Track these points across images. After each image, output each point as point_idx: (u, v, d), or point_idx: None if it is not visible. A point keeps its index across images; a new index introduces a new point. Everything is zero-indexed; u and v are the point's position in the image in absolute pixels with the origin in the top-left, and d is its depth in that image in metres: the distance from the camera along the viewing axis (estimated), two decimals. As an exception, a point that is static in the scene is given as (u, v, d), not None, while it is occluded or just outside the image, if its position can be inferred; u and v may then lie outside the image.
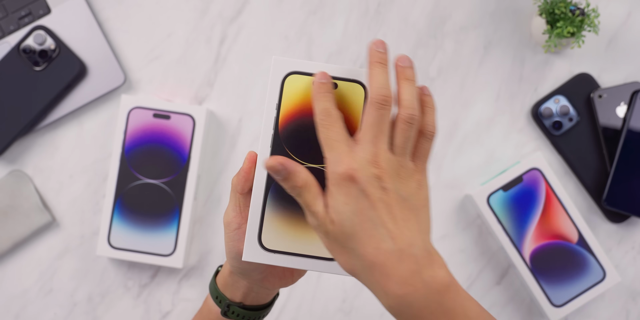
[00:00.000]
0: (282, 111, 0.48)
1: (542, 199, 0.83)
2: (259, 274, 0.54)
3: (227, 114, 0.86)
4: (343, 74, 0.48)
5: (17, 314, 0.85)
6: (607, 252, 0.86)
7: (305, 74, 0.48)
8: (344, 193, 0.44)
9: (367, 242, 0.43)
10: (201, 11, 0.87)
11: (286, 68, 0.48)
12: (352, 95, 0.48)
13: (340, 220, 0.44)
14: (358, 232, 0.43)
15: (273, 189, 0.49)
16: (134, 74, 0.86)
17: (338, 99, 0.48)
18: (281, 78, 0.48)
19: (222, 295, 0.57)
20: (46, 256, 0.85)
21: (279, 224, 0.49)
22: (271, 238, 0.48)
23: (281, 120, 0.48)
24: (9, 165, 0.86)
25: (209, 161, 0.85)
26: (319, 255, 0.49)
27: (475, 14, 0.87)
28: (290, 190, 0.45)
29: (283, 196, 0.48)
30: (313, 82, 0.47)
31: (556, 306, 0.82)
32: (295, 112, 0.48)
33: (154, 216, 0.82)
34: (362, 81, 0.48)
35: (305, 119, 0.48)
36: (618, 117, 0.85)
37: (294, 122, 0.48)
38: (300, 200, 0.45)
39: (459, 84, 0.87)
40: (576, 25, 0.80)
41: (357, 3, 0.87)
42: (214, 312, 0.58)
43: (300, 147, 0.48)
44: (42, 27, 0.84)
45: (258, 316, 0.58)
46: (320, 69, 0.48)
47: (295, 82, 0.49)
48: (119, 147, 0.83)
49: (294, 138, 0.48)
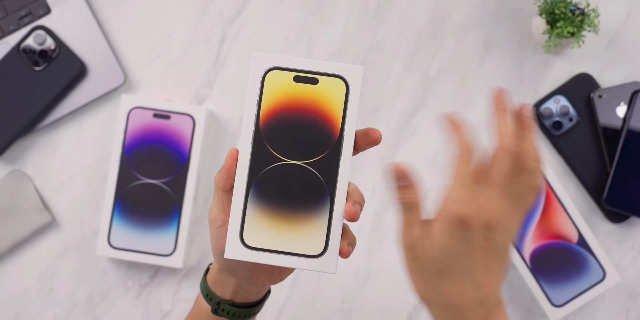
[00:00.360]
0: (263, 107, 0.48)
1: (542, 199, 0.83)
2: (246, 271, 0.54)
3: (227, 114, 0.86)
4: (324, 68, 0.48)
5: (17, 314, 0.85)
6: (607, 252, 0.86)
7: (285, 70, 0.48)
8: (452, 234, 0.45)
9: (454, 285, 0.46)
10: (201, 11, 0.87)
11: (266, 64, 0.48)
12: (333, 91, 0.48)
13: (437, 257, 0.45)
14: (450, 274, 0.46)
15: (255, 186, 0.48)
16: (134, 74, 0.86)
17: (319, 95, 0.48)
18: (262, 74, 0.48)
19: (212, 293, 0.57)
20: (46, 256, 0.85)
21: (261, 221, 0.48)
22: (253, 235, 0.48)
23: (262, 117, 0.48)
24: (9, 165, 0.86)
25: (209, 161, 0.85)
26: (302, 252, 0.48)
27: (475, 14, 0.87)
28: (400, 201, 0.46)
29: (265, 193, 0.48)
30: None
31: (556, 306, 0.82)
32: (276, 109, 0.48)
33: (154, 216, 0.82)
34: (343, 75, 0.48)
35: (286, 115, 0.48)
36: (618, 117, 0.85)
37: (275, 118, 0.48)
38: (404, 216, 0.47)
39: (459, 84, 0.87)
40: (576, 25, 0.80)
41: (357, 3, 0.87)
42: (205, 310, 0.58)
43: (281, 144, 0.48)
44: (42, 27, 0.84)
45: (249, 314, 0.58)
46: (300, 63, 0.48)
47: (276, 77, 0.48)
48: (119, 147, 0.83)
49: (275, 134, 0.48)
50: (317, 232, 0.48)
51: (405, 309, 0.85)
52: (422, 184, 0.47)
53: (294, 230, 0.48)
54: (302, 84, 0.48)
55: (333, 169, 0.48)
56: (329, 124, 0.48)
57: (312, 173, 0.48)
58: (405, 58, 0.87)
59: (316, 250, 0.48)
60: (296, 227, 0.48)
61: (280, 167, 0.48)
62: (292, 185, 0.48)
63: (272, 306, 0.85)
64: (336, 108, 0.48)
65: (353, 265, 0.85)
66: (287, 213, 0.48)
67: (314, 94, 0.48)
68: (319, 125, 0.48)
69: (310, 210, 0.48)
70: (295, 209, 0.48)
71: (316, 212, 0.48)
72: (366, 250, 0.85)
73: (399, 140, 0.86)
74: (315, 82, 0.48)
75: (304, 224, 0.48)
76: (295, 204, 0.48)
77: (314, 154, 0.48)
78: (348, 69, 0.48)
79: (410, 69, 0.87)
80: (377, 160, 0.86)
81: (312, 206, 0.48)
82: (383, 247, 0.85)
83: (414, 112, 0.86)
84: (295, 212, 0.48)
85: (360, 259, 0.85)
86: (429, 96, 0.86)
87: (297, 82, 0.48)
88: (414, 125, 0.86)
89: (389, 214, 0.85)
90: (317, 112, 0.49)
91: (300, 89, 0.48)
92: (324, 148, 0.48)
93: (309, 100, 0.48)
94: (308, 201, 0.48)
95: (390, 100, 0.86)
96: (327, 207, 0.48)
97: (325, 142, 0.48)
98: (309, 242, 0.48)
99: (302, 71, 0.48)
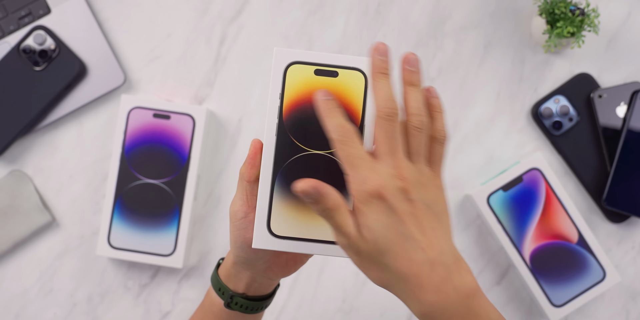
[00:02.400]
0: (286, 100, 0.50)
1: (542, 199, 0.83)
2: (264, 263, 0.54)
3: (227, 114, 0.86)
4: (343, 62, 0.50)
5: (17, 314, 0.85)
6: (607, 252, 0.86)
7: (306, 64, 0.50)
8: (374, 211, 0.44)
9: (401, 255, 0.44)
10: (201, 11, 0.87)
11: (288, 58, 0.50)
12: (353, 83, 0.50)
13: (374, 238, 0.44)
14: (391, 247, 0.44)
15: (280, 176, 0.49)
16: (134, 74, 0.86)
17: (340, 88, 0.50)
18: (283, 68, 0.50)
19: (225, 287, 0.57)
20: (46, 256, 0.85)
21: (287, 210, 0.49)
22: (280, 224, 0.49)
23: (285, 109, 0.50)
24: (9, 165, 0.86)
25: (209, 161, 0.85)
26: (328, 239, 0.49)
27: (475, 14, 0.87)
28: (320, 212, 0.45)
29: (290, 183, 0.49)
30: (316, 100, 0.47)
31: (556, 306, 0.82)
32: (298, 101, 0.50)
33: (154, 216, 0.82)
34: (361, 69, 0.50)
35: (308, 107, 0.50)
36: (618, 117, 0.85)
37: (297, 110, 0.50)
38: (331, 222, 0.45)
39: (459, 84, 0.87)
40: (576, 25, 0.80)
41: (357, 3, 0.87)
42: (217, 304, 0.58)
43: (304, 135, 0.49)
44: (42, 27, 0.84)
45: (261, 306, 0.59)
46: (320, 57, 0.49)
47: (297, 71, 0.50)
48: (119, 147, 0.83)
49: (298, 126, 0.49)
50: None
51: (405, 309, 0.85)
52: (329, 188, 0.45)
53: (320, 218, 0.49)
54: (323, 77, 0.50)
55: None
56: (350, 114, 0.50)
57: (335, 162, 0.50)
58: (405, 58, 0.87)
59: None
60: None
61: (304, 157, 0.50)
62: (317, 174, 0.49)
63: (272, 306, 0.85)
64: (356, 99, 0.50)
65: (353, 265, 0.85)
66: None
67: (334, 86, 0.50)
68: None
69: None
70: None
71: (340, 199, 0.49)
72: (366, 250, 0.85)
73: (399, 140, 0.86)
74: (336, 75, 0.50)
75: None
76: None
77: None
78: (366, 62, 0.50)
79: (410, 69, 0.87)
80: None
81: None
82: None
83: (414, 112, 0.86)
84: None
85: (360, 259, 0.85)
86: (429, 96, 0.86)
87: (318, 75, 0.50)
88: (414, 125, 0.86)
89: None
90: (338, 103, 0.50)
91: (321, 82, 0.50)
92: None
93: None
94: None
95: (390, 100, 0.86)
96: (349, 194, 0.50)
97: None
98: None
99: (323, 65, 0.50)
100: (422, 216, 0.45)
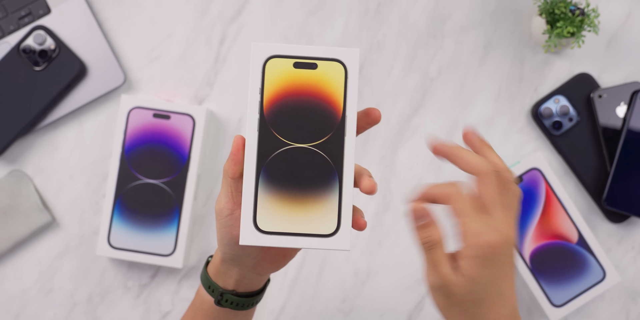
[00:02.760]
0: (266, 95, 0.49)
1: (542, 199, 0.83)
2: (252, 259, 0.54)
3: (227, 114, 0.86)
4: (321, 53, 0.50)
5: (17, 314, 0.85)
6: (607, 252, 0.86)
7: (284, 57, 0.50)
8: (485, 265, 0.47)
9: (492, 308, 0.48)
10: (201, 11, 0.87)
11: (266, 52, 0.50)
12: (332, 75, 0.50)
13: (473, 289, 0.47)
14: (487, 300, 0.48)
15: (264, 172, 0.49)
16: (134, 74, 0.86)
17: (319, 80, 0.50)
18: (262, 62, 0.50)
19: (214, 285, 0.57)
20: (46, 256, 0.85)
21: (272, 205, 0.49)
22: (266, 220, 0.49)
23: (265, 104, 0.49)
24: (9, 165, 0.86)
25: (209, 161, 0.85)
26: (316, 232, 0.49)
27: (475, 14, 0.87)
28: (422, 240, 0.49)
29: (274, 177, 0.49)
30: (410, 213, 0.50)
31: (556, 306, 0.82)
32: (279, 95, 0.49)
33: (154, 216, 0.82)
34: (340, 59, 0.50)
35: (289, 101, 0.49)
36: (618, 117, 0.85)
37: (278, 104, 0.49)
38: (429, 256, 0.48)
39: (458, 84, 0.87)
40: (576, 25, 0.80)
41: (357, 3, 0.87)
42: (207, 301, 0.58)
43: (286, 128, 0.49)
44: (42, 27, 0.84)
45: (251, 302, 0.59)
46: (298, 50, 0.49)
47: (276, 65, 0.50)
48: (119, 147, 0.83)
49: (280, 120, 0.49)
50: (328, 212, 0.49)
51: (405, 309, 0.85)
52: (441, 222, 0.49)
53: (306, 211, 0.49)
54: (302, 70, 0.50)
55: (339, 149, 0.50)
56: (331, 106, 0.50)
57: (319, 154, 0.50)
58: (405, 58, 0.87)
59: (329, 229, 0.49)
60: (308, 209, 0.49)
61: (287, 151, 0.49)
62: (301, 168, 0.49)
63: (272, 306, 0.85)
64: (337, 90, 0.50)
65: (353, 265, 0.85)
66: (297, 195, 0.49)
67: (314, 79, 0.50)
68: (322, 108, 0.50)
69: (320, 190, 0.49)
70: (306, 191, 0.49)
71: (326, 192, 0.49)
72: (366, 250, 0.85)
73: (399, 140, 0.86)
74: (315, 67, 0.50)
75: (315, 205, 0.49)
76: (305, 186, 0.49)
77: (318, 136, 0.50)
78: (345, 52, 0.50)
79: (410, 69, 0.87)
80: (377, 160, 0.86)
81: (321, 186, 0.49)
82: (383, 247, 0.85)
83: (414, 112, 0.86)
84: (306, 194, 0.49)
85: (360, 259, 0.85)
86: (429, 96, 0.86)
87: (297, 68, 0.50)
88: (414, 125, 0.86)
89: (389, 213, 0.85)
90: (318, 95, 0.50)
91: (300, 75, 0.50)
92: (328, 130, 0.50)
93: (309, 85, 0.50)
94: (317, 182, 0.49)
95: (390, 100, 0.86)
96: (336, 186, 0.50)
97: (329, 124, 0.50)
98: (322, 222, 0.49)
99: (301, 57, 0.50)
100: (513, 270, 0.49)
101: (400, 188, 0.86)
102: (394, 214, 0.85)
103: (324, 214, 0.49)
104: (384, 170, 0.86)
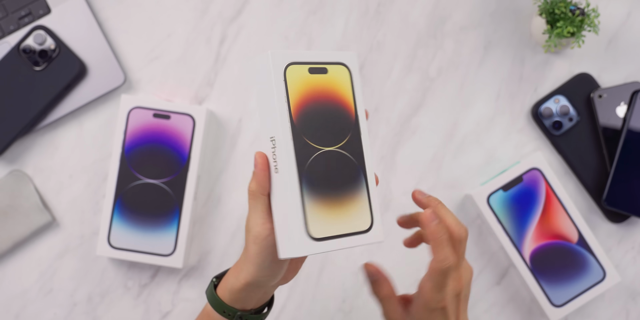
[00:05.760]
0: (292, 102, 0.50)
1: (542, 199, 0.83)
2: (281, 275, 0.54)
3: (227, 114, 0.86)
4: (329, 58, 0.52)
5: (17, 314, 0.85)
6: (607, 252, 0.86)
7: (300, 64, 0.51)
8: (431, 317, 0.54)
9: None
10: (201, 11, 0.87)
11: (285, 60, 0.50)
12: (341, 78, 0.52)
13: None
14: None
15: (305, 179, 0.49)
16: (134, 74, 0.86)
17: (331, 82, 0.51)
18: (283, 70, 0.50)
19: (230, 309, 0.56)
20: (46, 256, 0.85)
21: (319, 211, 0.50)
22: (317, 227, 0.49)
23: (293, 112, 0.50)
24: (9, 165, 0.86)
25: (209, 161, 0.85)
26: (357, 230, 0.51)
27: (475, 14, 0.87)
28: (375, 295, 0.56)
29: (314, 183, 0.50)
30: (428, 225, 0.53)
31: (556, 306, 0.82)
32: (302, 101, 0.50)
33: (154, 216, 0.82)
34: (344, 62, 0.52)
35: (311, 106, 0.50)
36: (618, 117, 0.85)
37: (303, 111, 0.50)
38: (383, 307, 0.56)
39: (459, 84, 0.87)
40: (576, 25, 0.80)
41: (357, 3, 0.87)
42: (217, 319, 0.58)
43: (314, 134, 0.50)
44: (42, 27, 0.84)
45: (266, 315, 0.59)
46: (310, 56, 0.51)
47: (294, 72, 0.50)
48: (119, 147, 0.83)
49: (307, 126, 0.50)
50: (363, 208, 0.51)
51: (405, 309, 0.85)
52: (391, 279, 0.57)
53: (345, 212, 0.50)
54: (316, 75, 0.51)
55: (359, 147, 0.52)
56: (345, 107, 0.51)
57: (344, 155, 0.51)
58: (405, 58, 0.87)
59: (366, 225, 0.51)
60: (345, 209, 0.51)
61: (319, 156, 0.50)
62: (333, 171, 0.50)
63: (272, 306, 0.85)
64: (346, 92, 0.52)
65: (353, 265, 0.85)
66: (335, 197, 0.50)
67: (327, 83, 0.51)
68: (339, 111, 0.51)
69: (352, 189, 0.51)
70: (342, 192, 0.51)
71: (357, 190, 0.51)
72: (366, 250, 0.85)
73: (399, 140, 0.86)
74: (326, 71, 0.51)
75: (350, 204, 0.51)
76: (340, 187, 0.51)
77: (341, 137, 0.51)
78: (346, 55, 0.53)
79: (410, 69, 0.87)
80: (377, 160, 0.86)
81: (352, 186, 0.51)
82: (383, 247, 0.85)
83: (414, 112, 0.86)
84: (342, 195, 0.51)
85: (360, 259, 0.85)
86: (429, 96, 0.86)
87: (312, 73, 0.51)
88: (414, 125, 0.86)
89: (389, 214, 0.85)
90: (333, 98, 0.51)
91: (316, 80, 0.51)
92: (347, 130, 0.51)
93: (325, 89, 0.51)
94: (349, 182, 0.51)
95: (390, 100, 0.86)
96: (363, 183, 0.51)
97: (347, 125, 0.52)
98: (360, 219, 0.51)
99: (314, 63, 0.51)
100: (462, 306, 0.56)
101: (400, 188, 0.86)
102: (394, 214, 0.85)
103: (359, 211, 0.51)
104: (384, 170, 0.86)
